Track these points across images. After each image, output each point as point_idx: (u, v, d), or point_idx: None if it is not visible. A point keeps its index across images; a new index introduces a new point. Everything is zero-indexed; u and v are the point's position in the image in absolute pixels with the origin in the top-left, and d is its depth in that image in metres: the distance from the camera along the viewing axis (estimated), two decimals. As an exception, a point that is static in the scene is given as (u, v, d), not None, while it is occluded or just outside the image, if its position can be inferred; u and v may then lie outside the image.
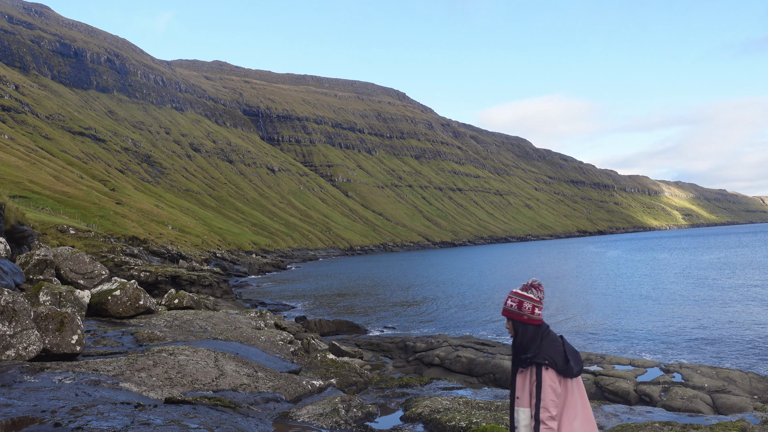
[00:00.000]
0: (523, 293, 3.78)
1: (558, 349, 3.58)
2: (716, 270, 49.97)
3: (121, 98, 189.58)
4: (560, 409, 3.49)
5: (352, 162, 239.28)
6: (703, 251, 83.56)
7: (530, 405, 3.53)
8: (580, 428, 3.51)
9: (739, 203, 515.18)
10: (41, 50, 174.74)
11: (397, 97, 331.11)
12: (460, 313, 30.63)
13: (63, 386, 7.29)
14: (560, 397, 3.49)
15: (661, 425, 7.37)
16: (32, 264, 15.46)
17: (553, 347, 3.58)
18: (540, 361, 3.52)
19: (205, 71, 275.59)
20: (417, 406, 8.96)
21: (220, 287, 37.00)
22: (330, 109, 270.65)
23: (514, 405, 3.63)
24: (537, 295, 3.78)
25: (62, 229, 43.11)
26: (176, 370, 9.37)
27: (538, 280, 3.85)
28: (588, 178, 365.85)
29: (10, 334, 8.58)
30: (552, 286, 43.57)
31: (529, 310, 3.71)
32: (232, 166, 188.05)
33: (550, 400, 3.44)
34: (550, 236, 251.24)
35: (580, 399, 3.56)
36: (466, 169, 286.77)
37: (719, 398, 12.33)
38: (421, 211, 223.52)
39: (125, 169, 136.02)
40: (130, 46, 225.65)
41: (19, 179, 67.09)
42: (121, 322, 14.50)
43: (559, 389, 3.50)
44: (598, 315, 27.85)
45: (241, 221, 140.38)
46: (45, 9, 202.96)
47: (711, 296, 32.64)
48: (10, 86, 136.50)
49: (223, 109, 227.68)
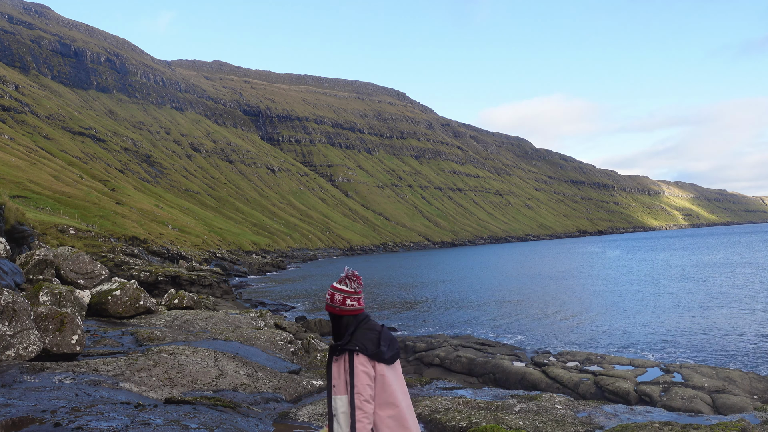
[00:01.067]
0: (337, 286, 3.86)
1: (371, 336, 3.67)
2: (716, 270, 49.97)
3: (121, 98, 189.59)
4: (375, 394, 3.59)
5: (352, 162, 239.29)
6: (703, 251, 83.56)
7: (346, 392, 3.59)
8: (394, 412, 3.59)
9: (740, 203, 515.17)
10: (41, 50, 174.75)
11: (397, 97, 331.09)
12: (460, 313, 30.63)
13: (63, 386, 7.29)
14: (374, 381, 3.58)
15: (661, 425, 7.37)
16: (32, 264, 15.46)
17: (366, 335, 3.68)
18: (351, 347, 3.61)
19: (205, 71, 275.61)
20: (417, 406, 8.96)
21: (220, 287, 37.00)
22: (330, 109, 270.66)
23: (330, 394, 3.71)
24: (350, 286, 3.84)
25: (62, 229, 43.11)
26: (176, 370, 9.37)
27: (353, 270, 3.91)
28: (588, 178, 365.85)
29: (10, 334, 8.58)
30: (552, 286, 43.58)
31: (340, 301, 3.80)
32: (232, 166, 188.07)
33: (363, 385, 3.53)
34: (550, 236, 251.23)
35: (396, 384, 3.66)
36: (466, 169, 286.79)
37: (719, 398, 12.33)
38: (421, 211, 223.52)
39: (125, 169, 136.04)
40: (130, 46, 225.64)
41: (19, 179, 67.10)
42: (121, 322, 14.50)
43: (372, 373, 3.58)
44: (598, 315, 27.85)
45: (241, 221, 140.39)
46: (45, 9, 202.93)
47: (711, 296, 32.64)
48: (10, 86, 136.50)
49: (223, 109, 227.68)
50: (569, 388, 14.08)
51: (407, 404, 3.66)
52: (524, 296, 37.00)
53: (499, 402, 9.27)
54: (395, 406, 3.58)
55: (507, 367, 15.90)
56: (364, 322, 3.78)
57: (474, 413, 8.28)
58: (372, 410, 3.54)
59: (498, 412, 8.51)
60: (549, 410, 8.73)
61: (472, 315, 29.64)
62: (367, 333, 3.70)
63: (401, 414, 3.59)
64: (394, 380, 3.66)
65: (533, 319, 27.37)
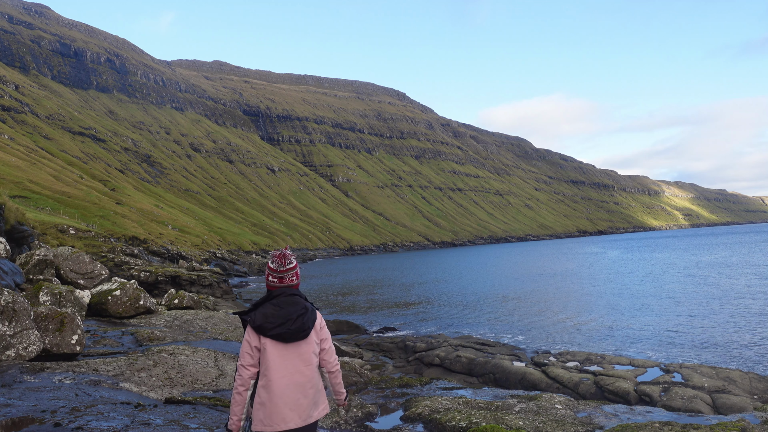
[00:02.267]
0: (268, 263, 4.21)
1: (266, 311, 3.94)
2: (716, 270, 49.97)
3: (121, 98, 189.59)
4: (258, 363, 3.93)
5: (352, 162, 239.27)
6: (703, 251, 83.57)
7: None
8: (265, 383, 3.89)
9: (740, 203, 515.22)
10: (41, 50, 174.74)
11: (397, 97, 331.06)
12: (460, 313, 30.63)
13: (63, 386, 7.29)
14: (257, 351, 3.92)
15: (661, 425, 7.37)
16: (32, 264, 15.46)
17: (263, 309, 3.96)
18: (245, 317, 3.97)
19: (205, 71, 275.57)
20: (417, 406, 8.96)
21: (220, 287, 37.00)
22: (330, 109, 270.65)
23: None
24: (271, 263, 4.14)
25: (62, 229, 43.11)
26: (176, 370, 9.37)
27: (282, 250, 4.17)
28: (588, 178, 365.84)
29: (10, 334, 8.58)
30: (552, 286, 43.58)
31: (265, 276, 4.21)
32: (232, 166, 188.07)
33: (243, 352, 3.92)
34: (550, 236, 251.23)
35: (278, 359, 3.90)
36: (466, 169, 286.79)
37: (719, 398, 12.33)
38: (421, 211, 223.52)
39: (125, 169, 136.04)
40: (130, 46, 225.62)
41: (19, 179, 67.09)
42: (121, 322, 14.50)
43: (255, 343, 3.90)
44: (598, 315, 27.85)
45: (241, 221, 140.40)
46: (45, 9, 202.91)
47: (711, 296, 32.63)
48: (10, 86, 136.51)
49: (223, 109, 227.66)
50: (569, 388, 14.08)
51: (288, 382, 3.89)
52: (524, 296, 37.00)
53: (499, 402, 9.27)
54: (268, 379, 3.86)
55: (507, 367, 15.90)
56: (276, 298, 4.03)
57: (474, 413, 8.28)
58: (249, 376, 3.90)
59: (498, 412, 8.51)
60: (549, 410, 8.73)
61: (472, 315, 29.64)
62: (266, 307, 3.98)
63: (271, 386, 3.85)
64: (277, 356, 3.90)
65: (533, 319, 27.38)
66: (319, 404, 4.05)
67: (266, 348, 3.91)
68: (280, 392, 3.88)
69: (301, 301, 4.07)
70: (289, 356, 3.94)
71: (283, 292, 4.07)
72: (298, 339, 3.96)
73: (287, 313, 3.95)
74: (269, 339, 3.91)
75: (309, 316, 4.03)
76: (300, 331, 3.95)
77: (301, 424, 3.91)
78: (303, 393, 3.94)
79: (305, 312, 4.02)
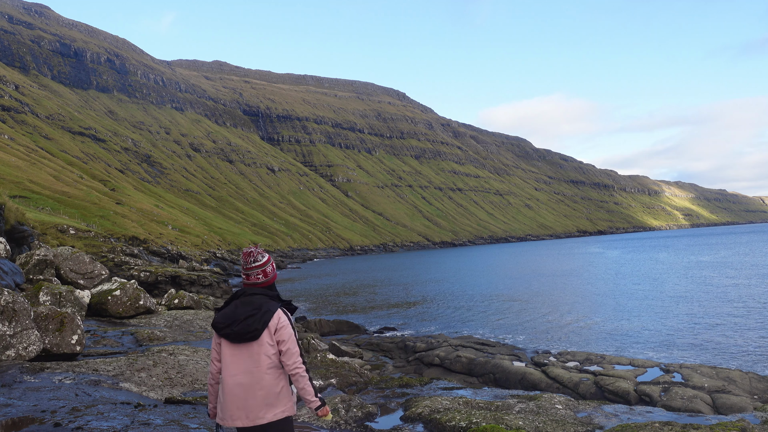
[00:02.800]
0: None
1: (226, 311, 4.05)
2: (716, 270, 49.97)
3: (121, 98, 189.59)
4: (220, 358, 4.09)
5: (352, 162, 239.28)
6: (703, 251, 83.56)
7: None
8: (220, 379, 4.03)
9: (740, 203, 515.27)
10: (41, 50, 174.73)
11: (397, 97, 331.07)
12: (460, 313, 30.63)
13: (63, 386, 7.29)
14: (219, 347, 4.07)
15: (661, 425, 7.37)
16: (32, 264, 15.46)
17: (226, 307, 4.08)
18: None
19: (205, 71, 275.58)
20: (417, 406, 8.96)
21: (220, 287, 37.00)
22: (330, 109, 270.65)
23: None
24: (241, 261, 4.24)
25: (62, 229, 43.11)
26: (176, 370, 9.37)
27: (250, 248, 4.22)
28: (588, 178, 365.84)
29: (10, 334, 8.58)
30: (552, 286, 43.58)
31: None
32: (232, 166, 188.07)
33: (212, 348, 4.11)
34: (550, 236, 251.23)
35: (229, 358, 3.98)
36: (466, 169, 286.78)
37: (719, 398, 12.33)
38: (421, 211, 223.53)
39: (125, 169, 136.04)
40: (130, 46, 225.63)
41: (19, 179, 67.10)
42: (121, 322, 14.50)
43: (216, 340, 4.08)
44: (598, 315, 27.85)
45: (241, 221, 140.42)
46: (45, 9, 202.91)
47: (711, 296, 32.63)
48: (10, 86, 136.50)
49: (223, 109, 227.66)
50: (569, 388, 14.08)
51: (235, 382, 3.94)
52: (524, 296, 36.99)
53: (499, 402, 9.27)
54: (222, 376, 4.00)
55: (507, 367, 15.90)
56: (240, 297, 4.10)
57: (474, 413, 8.28)
58: (215, 371, 4.12)
59: (498, 412, 8.51)
60: (549, 410, 8.73)
61: (472, 315, 29.64)
62: (228, 306, 4.09)
63: (223, 383, 3.97)
64: (229, 355, 4.00)
65: (533, 319, 27.37)
66: (276, 406, 3.94)
67: (222, 346, 4.04)
68: (229, 390, 3.94)
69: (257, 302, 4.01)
70: (240, 356, 3.96)
71: (245, 291, 4.11)
72: (244, 340, 3.93)
73: (236, 314, 3.99)
74: (222, 338, 4.02)
75: (260, 317, 3.94)
76: (245, 333, 3.92)
77: (249, 424, 3.87)
78: (250, 393, 3.90)
79: (256, 313, 3.95)
